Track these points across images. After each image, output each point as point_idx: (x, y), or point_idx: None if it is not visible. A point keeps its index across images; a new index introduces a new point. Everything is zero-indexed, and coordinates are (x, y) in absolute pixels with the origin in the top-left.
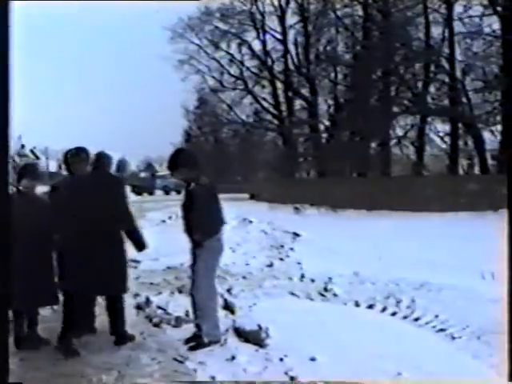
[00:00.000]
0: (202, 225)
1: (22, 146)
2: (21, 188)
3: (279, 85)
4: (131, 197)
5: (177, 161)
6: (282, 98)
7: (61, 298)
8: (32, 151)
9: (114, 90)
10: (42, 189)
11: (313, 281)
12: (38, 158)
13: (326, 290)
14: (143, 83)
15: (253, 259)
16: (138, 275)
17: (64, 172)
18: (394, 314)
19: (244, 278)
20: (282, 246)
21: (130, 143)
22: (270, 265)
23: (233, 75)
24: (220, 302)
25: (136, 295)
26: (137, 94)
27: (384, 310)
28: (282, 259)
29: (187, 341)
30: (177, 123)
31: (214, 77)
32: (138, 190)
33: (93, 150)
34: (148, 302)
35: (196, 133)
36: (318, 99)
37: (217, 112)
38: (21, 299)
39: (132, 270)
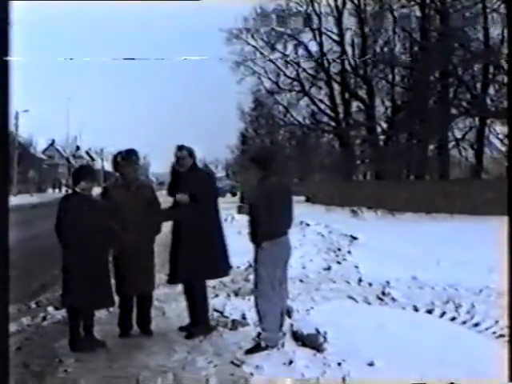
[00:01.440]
0: (261, 225)
1: (78, 148)
2: (78, 190)
3: (336, 86)
4: None
5: (254, 156)
6: (338, 100)
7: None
8: (87, 152)
9: (171, 92)
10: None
11: (370, 284)
12: (93, 159)
13: (383, 293)
14: (199, 85)
15: (310, 262)
16: None
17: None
18: (453, 319)
19: (301, 281)
20: (339, 249)
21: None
22: (327, 268)
23: (289, 77)
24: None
25: None
26: (193, 96)
27: (443, 314)
28: (339, 262)
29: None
30: (233, 125)
31: (270, 78)
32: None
33: (145, 152)
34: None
35: (252, 135)
36: (375, 101)
37: (273, 114)
38: (77, 300)
39: None
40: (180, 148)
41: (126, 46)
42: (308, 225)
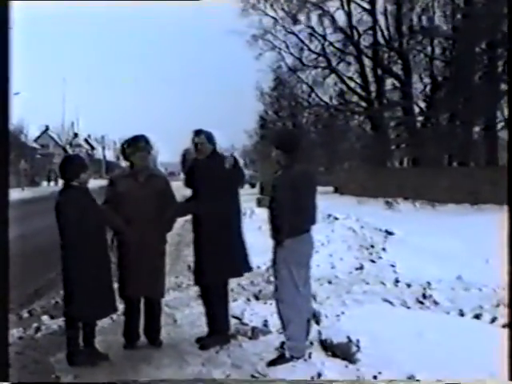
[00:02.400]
0: (283, 220)
1: (75, 135)
2: (75, 183)
3: (367, 62)
4: None
5: (276, 140)
6: (370, 77)
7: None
8: (86, 140)
9: (180, 71)
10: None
11: (409, 286)
12: (93, 148)
13: (424, 296)
14: (212, 63)
15: (339, 261)
16: None
17: (123, 163)
18: (505, 326)
19: (330, 282)
20: (373, 246)
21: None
22: (360, 267)
23: (314, 51)
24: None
25: None
26: (204, 74)
27: (493, 320)
28: (372, 261)
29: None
30: (250, 107)
31: (292, 54)
32: None
33: (153, 140)
34: None
35: (272, 118)
36: (412, 77)
37: (296, 94)
38: (81, 308)
39: None
40: (197, 133)
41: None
42: (337, 219)
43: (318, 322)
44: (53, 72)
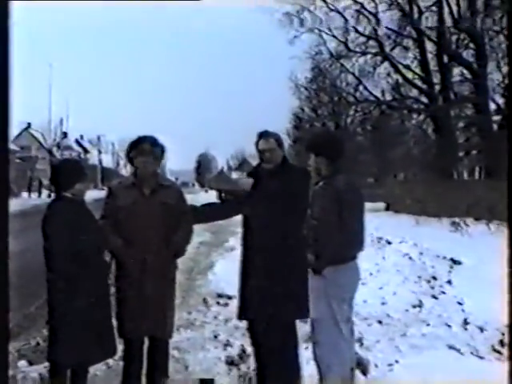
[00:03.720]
0: (325, 244)
1: (64, 135)
2: (68, 194)
3: (429, 46)
4: None
5: (316, 144)
6: (433, 66)
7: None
8: (78, 142)
9: (192, 57)
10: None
11: (481, 329)
12: (86, 151)
13: (501, 343)
14: (232, 47)
15: (392, 296)
16: (228, 316)
17: (123, 170)
18: None
19: (380, 322)
20: (435, 278)
21: (216, 132)
22: (418, 305)
23: (362, 34)
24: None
25: (227, 345)
26: (223, 62)
27: None
28: (434, 297)
29: None
30: (282, 104)
31: (335, 36)
32: (226, 197)
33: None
34: (244, 354)
35: (309, 116)
36: (488, 66)
37: (339, 87)
38: (70, 351)
39: (221, 310)
40: (264, 135)
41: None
42: (389, 243)
43: (364, 373)
44: (38, 56)
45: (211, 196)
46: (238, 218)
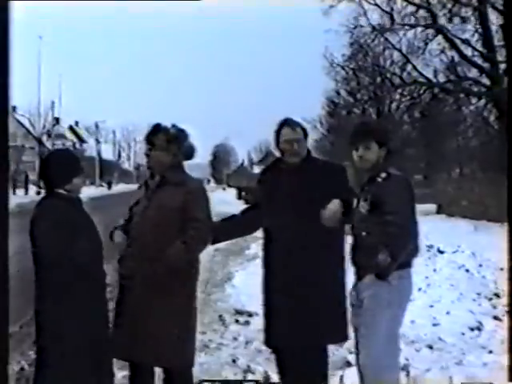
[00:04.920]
0: (399, 242)
1: (56, 121)
2: (61, 191)
3: (493, 16)
4: (234, 206)
5: (374, 131)
6: (497, 41)
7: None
8: (72, 129)
9: (204, 33)
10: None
11: None
12: (82, 140)
13: None
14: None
15: (445, 316)
16: (249, 337)
17: (127, 163)
18: None
19: (430, 347)
20: (498, 296)
21: (235, 119)
22: (477, 327)
23: (411, 2)
24: None
25: (247, 371)
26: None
27: None
28: (497, 318)
29: None
30: (314, 86)
31: (378, 6)
32: (248, 197)
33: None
34: (267, 382)
35: (347, 101)
36: None
37: (382, 66)
38: (57, 378)
39: (241, 329)
40: (289, 123)
41: None
42: (442, 252)
43: None
44: (26, 27)
45: (229, 195)
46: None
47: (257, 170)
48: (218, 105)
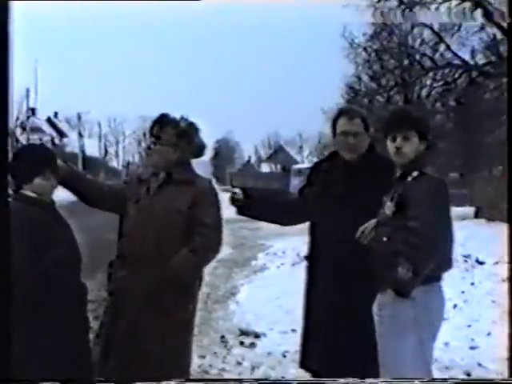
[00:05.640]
0: (419, 252)
1: (32, 111)
2: (28, 193)
3: None
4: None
5: (410, 118)
6: None
7: None
8: (51, 121)
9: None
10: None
11: None
12: (62, 134)
13: None
14: None
15: (486, 338)
16: (256, 362)
17: (115, 160)
18: None
19: (468, 374)
20: None
21: (240, 109)
22: None
23: None
24: None
25: None
26: (252, 14)
27: None
28: None
29: None
30: (332, 70)
31: None
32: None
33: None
34: None
35: (369, 87)
36: None
37: (411, 46)
38: None
39: (246, 353)
40: (347, 112)
41: None
42: (481, 263)
43: None
44: None
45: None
46: (268, 226)
47: (265, 168)
48: (218, 93)
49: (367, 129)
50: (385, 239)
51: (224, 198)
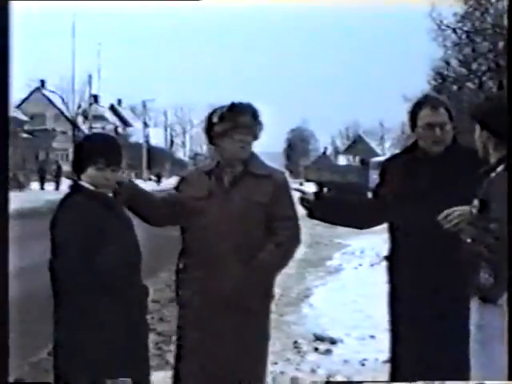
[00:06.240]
0: (499, 257)
1: (95, 99)
2: (86, 185)
3: None
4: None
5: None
6: None
7: None
8: (114, 109)
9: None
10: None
11: None
12: (126, 123)
13: None
14: None
15: None
16: (332, 370)
17: (182, 151)
18: None
19: None
20: None
21: (316, 97)
22: None
23: None
24: None
25: None
26: None
27: None
28: None
29: None
30: (417, 54)
31: None
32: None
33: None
34: None
35: (459, 73)
36: None
37: (507, 28)
38: None
39: (322, 360)
40: (431, 102)
41: None
42: None
43: None
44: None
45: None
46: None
47: (343, 160)
48: (293, 80)
49: (451, 118)
50: (469, 240)
51: (295, 193)
